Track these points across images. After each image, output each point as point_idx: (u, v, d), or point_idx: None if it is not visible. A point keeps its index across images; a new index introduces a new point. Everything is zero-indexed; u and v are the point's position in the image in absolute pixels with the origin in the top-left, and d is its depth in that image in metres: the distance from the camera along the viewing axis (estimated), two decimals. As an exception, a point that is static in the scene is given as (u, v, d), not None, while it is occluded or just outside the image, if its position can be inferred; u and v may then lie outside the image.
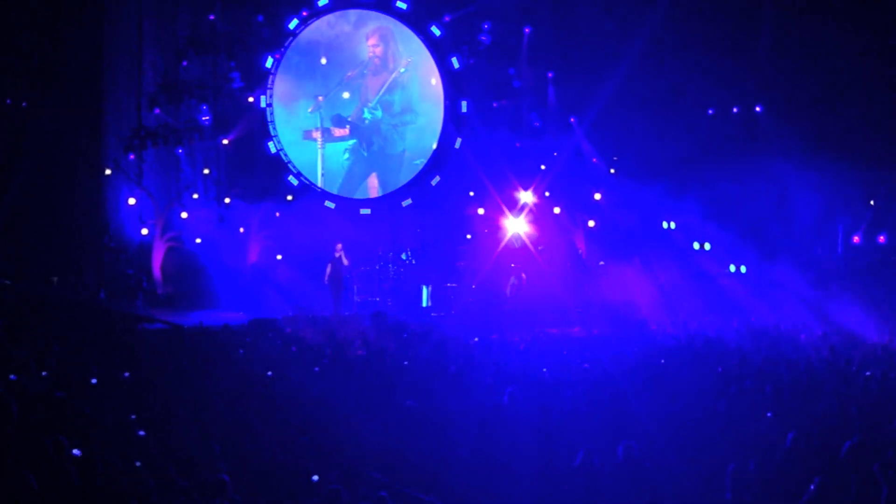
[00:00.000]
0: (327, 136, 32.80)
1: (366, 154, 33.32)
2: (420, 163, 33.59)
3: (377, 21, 33.22)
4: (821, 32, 31.36)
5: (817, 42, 31.54)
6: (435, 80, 33.62)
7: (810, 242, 32.41)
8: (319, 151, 32.82)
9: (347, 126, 32.89)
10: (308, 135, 32.81)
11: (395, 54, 33.26)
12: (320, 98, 32.80)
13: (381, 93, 33.20)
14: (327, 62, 32.93)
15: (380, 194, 33.60)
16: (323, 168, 32.95)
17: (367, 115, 33.08)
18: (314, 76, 33.00)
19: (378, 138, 33.22)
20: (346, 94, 32.96)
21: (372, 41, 33.11)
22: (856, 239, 33.50)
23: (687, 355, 19.94)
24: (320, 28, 32.85)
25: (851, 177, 31.13)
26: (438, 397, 15.86)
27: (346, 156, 33.19)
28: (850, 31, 31.12)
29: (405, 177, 33.63)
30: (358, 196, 33.56)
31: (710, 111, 34.77)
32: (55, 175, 31.99)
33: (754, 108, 34.49)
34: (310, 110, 32.84)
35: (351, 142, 33.18)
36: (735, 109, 34.77)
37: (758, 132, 33.73)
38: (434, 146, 33.61)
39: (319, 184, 33.18)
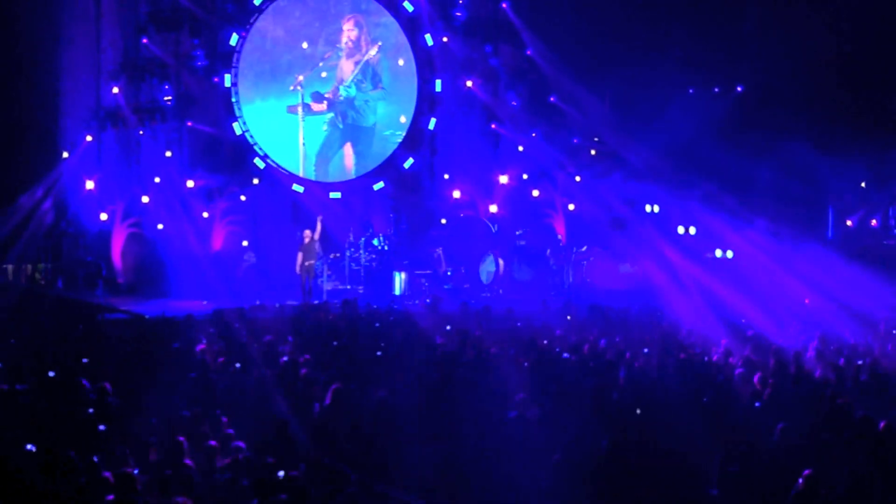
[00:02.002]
0: (307, 110, 33.84)
1: (341, 126, 34.08)
2: (390, 133, 33.96)
3: (352, 8, 33.87)
4: (807, 12, 31.39)
5: (803, 20, 31.53)
6: (402, 61, 33.84)
7: (801, 226, 32.32)
8: (300, 124, 33.71)
9: (325, 101, 33.90)
10: (292, 109, 33.76)
11: (367, 38, 33.66)
12: (300, 77, 33.42)
13: (354, 73, 33.43)
14: (308, 45, 33.82)
15: (354, 163, 34.23)
16: (304, 139, 33.83)
17: (342, 92, 33.66)
18: (296, 57, 33.76)
19: (352, 112, 33.99)
20: (323, 74, 33.84)
21: (347, 25, 33.74)
22: (849, 223, 33.56)
23: (672, 345, 19.89)
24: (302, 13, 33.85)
25: (842, 158, 31.17)
26: (411, 388, 15.81)
27: (325, 128, 33.96)
28: (836, 10, 31.20)
29: (377, 147, 34.24)
30: (334, 165, 34.27)
31: (691, 90, 34.74)
32: (10, 158, 31.78)
33: (736, 88, 34.49)
34: (291, 88, 33.55)
35: (329, 115, 33.86)
36: (716, 89, 34.79)
37: (742, 112, 33.65)
38: (403, 119, 33.71)
39: (300, 154, 33.76)
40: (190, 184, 32.63)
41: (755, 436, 13.32)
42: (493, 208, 33.20)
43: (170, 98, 33.08)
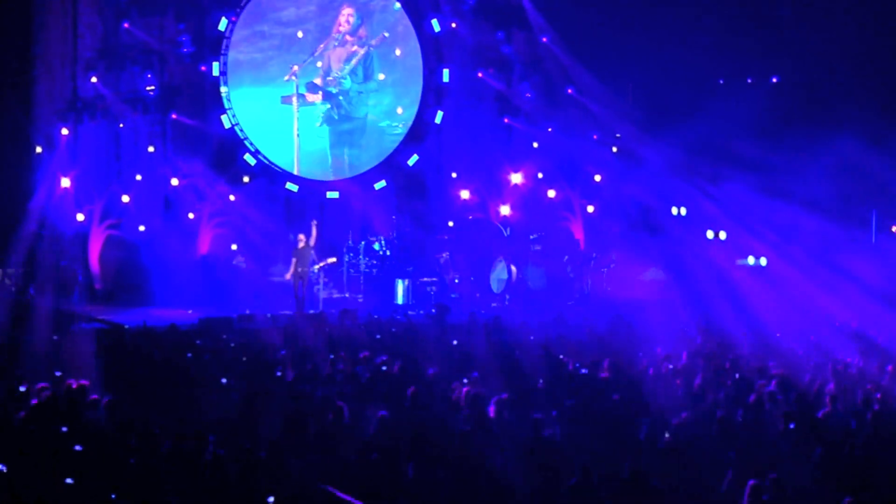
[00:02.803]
0: (302, 101, 34.00)
1: (336, 118, 34.23)
2: (387, 125, 34.19)
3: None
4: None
5: (839, 10, 31.49)
6: (399, 51, 34.06)
7: (838, 232, 32.14)
8: (295, 115, 33.88)
9: (320, 92, 34.10)
10: (286, 99, 33.94)
11: (366, 27, 33.91)
12: (295, 67, 33.62)
13: (350, 64, 33.53)
14: (303, 34, 34.01)
15: (348, 156, 34.52)
16: (298, 132, 33.98)
17: (337, 82, 33.56)
18: (290, 45, 33.94)
19: (346, 102, 34.02)
20: (319, 64, 34.02)
21: (347, 11, 34.03)
22: (894, 228, 33.41)
23: (699, 359, 19.90)
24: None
25: (890, 156, 31.06)
26: (414, 406, 15.82)
27: (320, 122, 34.21)
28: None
29: (373, 138, 34.56)
30: (333, 161, 34.45)
31: (721, 81, 34.72)
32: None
33: (771, 79, 34.44)
34: (286, 78, 33.73)
35: (325, 107, 34.10)
36: (749, 80, 34.75)
37: (778, 105, 33.53)
38: (400, 110, 33.81)
39: (295, 148, 33.87)
40: (174, 182, 32.62)
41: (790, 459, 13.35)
42: (505, 210, 33.17)
43: (153, 88, 32.99)
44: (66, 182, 32.07)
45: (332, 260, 30.42)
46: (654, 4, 32.67)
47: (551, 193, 34.02)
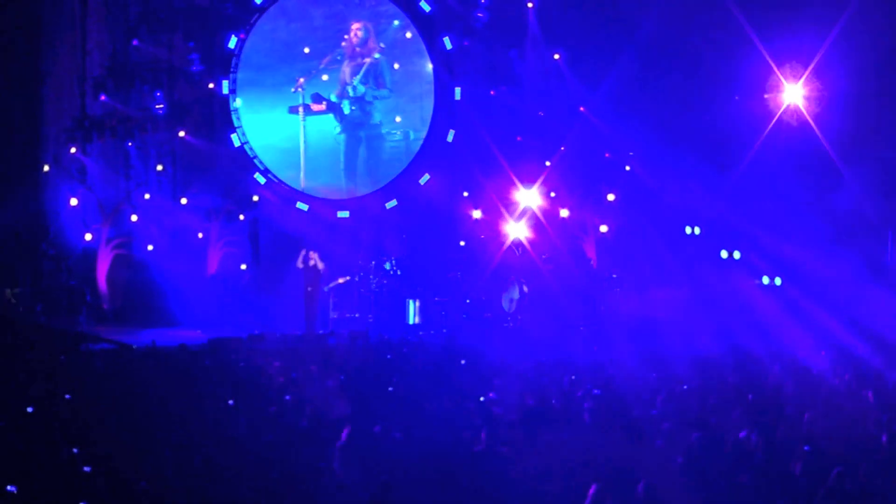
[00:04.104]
0: (307, 110, 34.15)
1: (342, 126, 34.43)
2: (385, 132, 34.59)
3: (360, 8, 34.27)
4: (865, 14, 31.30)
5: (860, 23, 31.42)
6: (398, 65, 34.27)
7: (854, 251, 31.97)
8: (301, 125, 34.12)
9: (324, 102, 34.20)
10: (293, 109, 34.18)
11: (373, 42, 34.21)
12: (301, 80, 33.80)
13: (359, 74, 33.58)
14: (310, 50, 34.23)
15: (366, 162, 34.60)
16: (306, 141, 34.23)
17: (349, 91, 34.01)
18: (298, 63, 34.12)
19: (356, 111, 34.31)
20: (324, 77, 34.12)
21: (356, 25, 34.00)
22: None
23: (714, 380, 19.88)
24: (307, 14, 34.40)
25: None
26: (426, 430, 15.81)
27: (338, 130, 34.39)
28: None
29: (375, 146, 34.62)
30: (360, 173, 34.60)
31: (736, 97, 34.63)
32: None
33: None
34: (292, 90, 33.85)
35: (331, 116, 34.27)
36: (765, 96, 34.65)
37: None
38: (398, 118, 34.29)
39: (301, 158, 34.09)
40: (183, 201, 32.69)
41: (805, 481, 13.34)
42: (518, 229, 33.11)
43: (161, 106, 33.06)
44: (74, 201, 32.15)
45: (344, 279, 30.49)
46: (668, 20, 32.60)
47: (564, 213, 33.91)
